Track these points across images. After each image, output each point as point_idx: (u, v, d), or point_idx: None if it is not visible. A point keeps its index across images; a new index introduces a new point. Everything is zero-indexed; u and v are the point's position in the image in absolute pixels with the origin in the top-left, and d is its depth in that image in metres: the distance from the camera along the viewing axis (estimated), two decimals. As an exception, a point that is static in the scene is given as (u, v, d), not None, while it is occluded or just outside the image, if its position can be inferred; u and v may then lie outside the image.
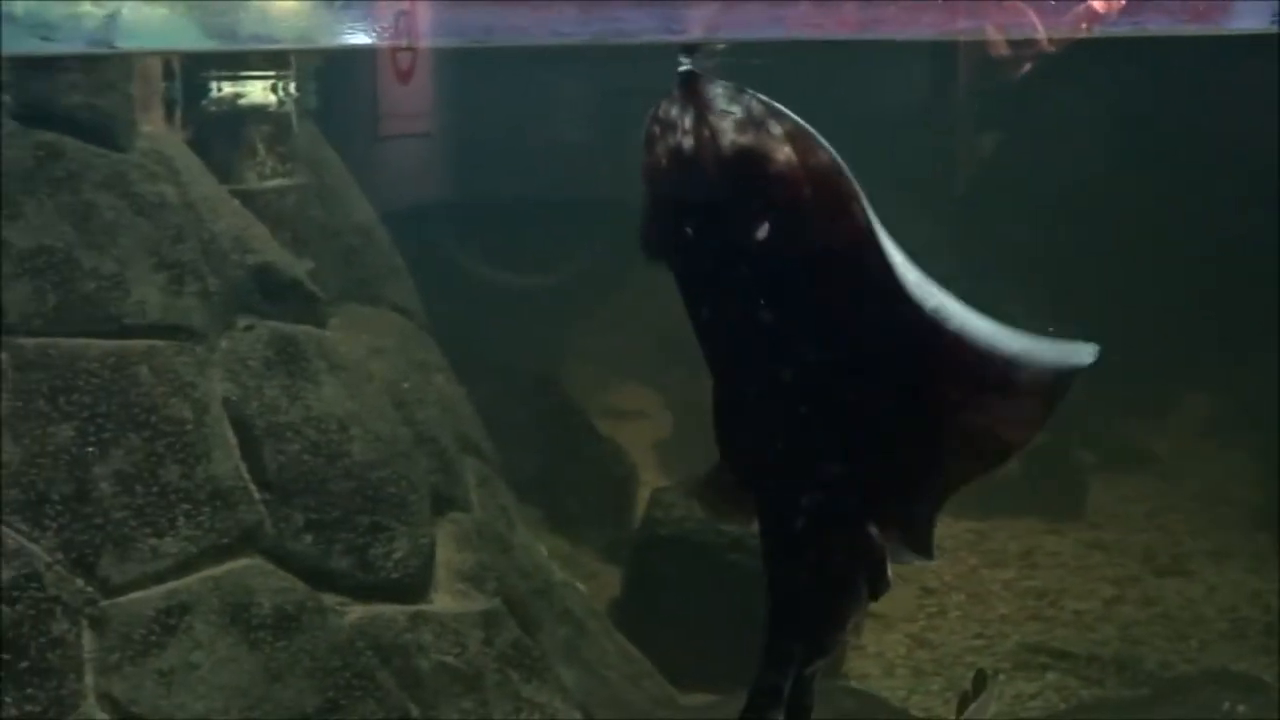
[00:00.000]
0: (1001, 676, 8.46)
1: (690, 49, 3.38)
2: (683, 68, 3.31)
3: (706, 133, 3.29)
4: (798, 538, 3.48)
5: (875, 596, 3.54)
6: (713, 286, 3.37)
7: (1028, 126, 14.80)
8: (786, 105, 3.33)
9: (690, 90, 3.29)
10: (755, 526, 3.58)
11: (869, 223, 3.32)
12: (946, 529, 10.54)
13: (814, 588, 3.51)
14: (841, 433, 3.42)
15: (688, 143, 3.28)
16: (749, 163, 3.28)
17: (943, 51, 13.77)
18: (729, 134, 3.29)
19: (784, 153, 3.29)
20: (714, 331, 3.42)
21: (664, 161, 3.31)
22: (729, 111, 3.31)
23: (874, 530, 3.49)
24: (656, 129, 3.32)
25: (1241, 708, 8.33)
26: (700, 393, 3.51)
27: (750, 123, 3.30)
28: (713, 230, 3.32)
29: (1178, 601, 10.67)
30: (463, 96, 13.50)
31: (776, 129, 3.30)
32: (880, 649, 9.79)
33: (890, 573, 3.51)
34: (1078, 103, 14.12)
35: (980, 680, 7.02)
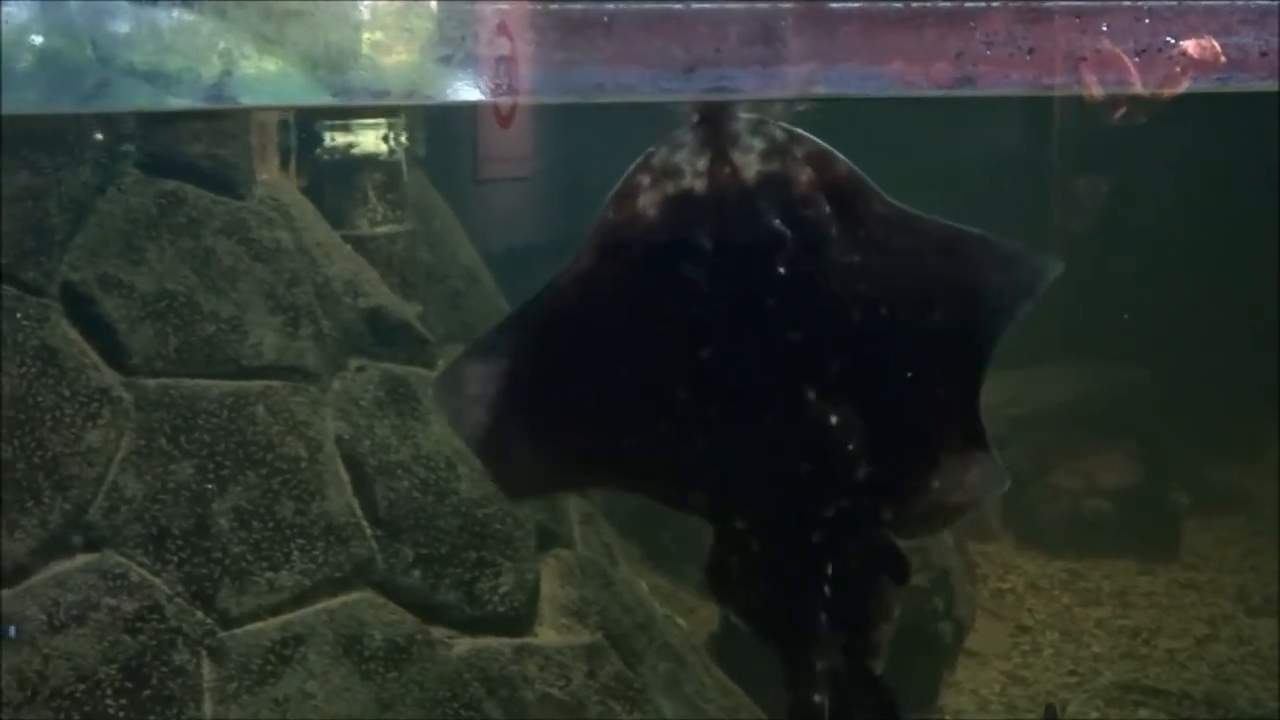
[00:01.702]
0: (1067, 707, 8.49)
1: (708, 117, 3.49)
2: (697, 120, 3.44)
3: (728, 169, 3.41)
4: (818, 553, 3.55)
5: (903, 581, 3.65)
6: (728, 319, 3.45)
7: (1130, 172, 14.89)
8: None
9: (717, 130, 3.43)
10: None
11: (895, 207, 3.49)
12: (1041, 569, 10.66)
13: (845, 596, 3.56)
14: (874, 432, 3.52)
15: (701, 185, 3.41)
16: (776, 189, 3.42)
17: (1041, 103, 13.90)
18: (755, 165, 3.42)
19: (806, 173, 3.43)
20: (722, 367, 3.48)
21: (667, 205, 3.42)
22: (752, 145, 3.44)
23: (886, 515, 3.58)
24: (646, 179, 3.45)
25: None
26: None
27: (775, 151, 3.43)
28: (736, 261, 3.42)
29: (1270, 640, 10.66)
30: (561, 141, 13.68)
31: (799, 152, 3.44)
32: (975, 686, 9.87)
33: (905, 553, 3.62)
34: (1177, 148, 14.18)
35: (1051, 715, 7.17)
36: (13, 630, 6.90)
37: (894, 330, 3.52)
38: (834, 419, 3.49)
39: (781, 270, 3.42)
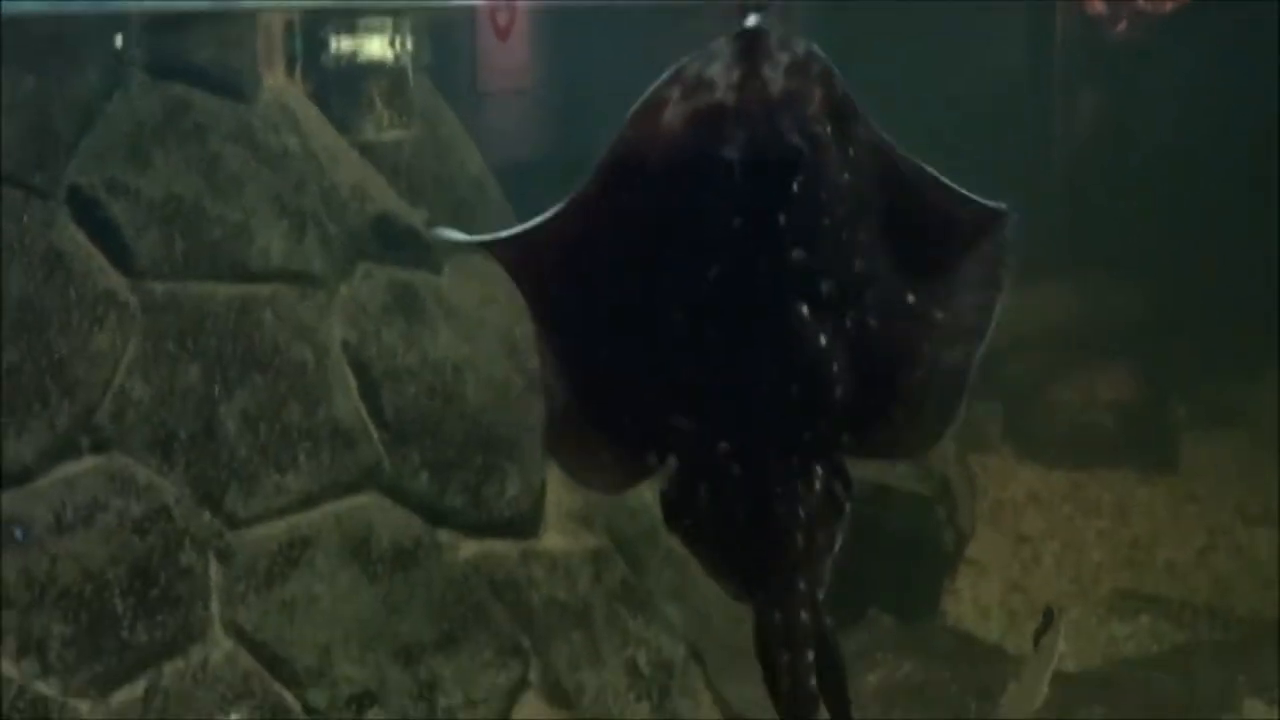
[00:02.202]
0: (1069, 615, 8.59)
1: (761, 5, 3.51)
2: (751, 22, 3.41)
3: (758, 84, 3.40)
4: (791, 476, 3.54)
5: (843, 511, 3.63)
6: (741, 236, 3.44)
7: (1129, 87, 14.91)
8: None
9: (755, 45, 3.40)
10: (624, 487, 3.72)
11: (877, 133, 3.53)
12: (1041, 480, 10.71)
13: (812, 518, 3.56)
14: (859, 349, 3.53)
15: (731, 99, 3.38)
16: (797, 106, 3.42)
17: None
18: (782, 82, 3.41)
19: (818, 91, 3.44)
20: (731, 285, 3.47)
21: (697, 119, 3.40)
22: (780, 60, 3.43)
23: (845, 440, 3.58)
24: (677, 91, 3.41)
25: None
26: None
27: (796, 67, 3.42)
28: (757, 178, 3.41)
29: (1267, 551, 10.77)
30: (560, 53, 13.69)
31: (814, 69, 3.45)
32: (976, 594, 9.97)
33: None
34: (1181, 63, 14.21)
35: (1048, 617, 7.26)
36: (19, 533, 6.98)
37: (871, 255, 3.56)
38: (823, 339, 3.50)
39: (793, 188, 3.44)
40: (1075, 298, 14.08)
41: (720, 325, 3.51)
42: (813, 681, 3.53)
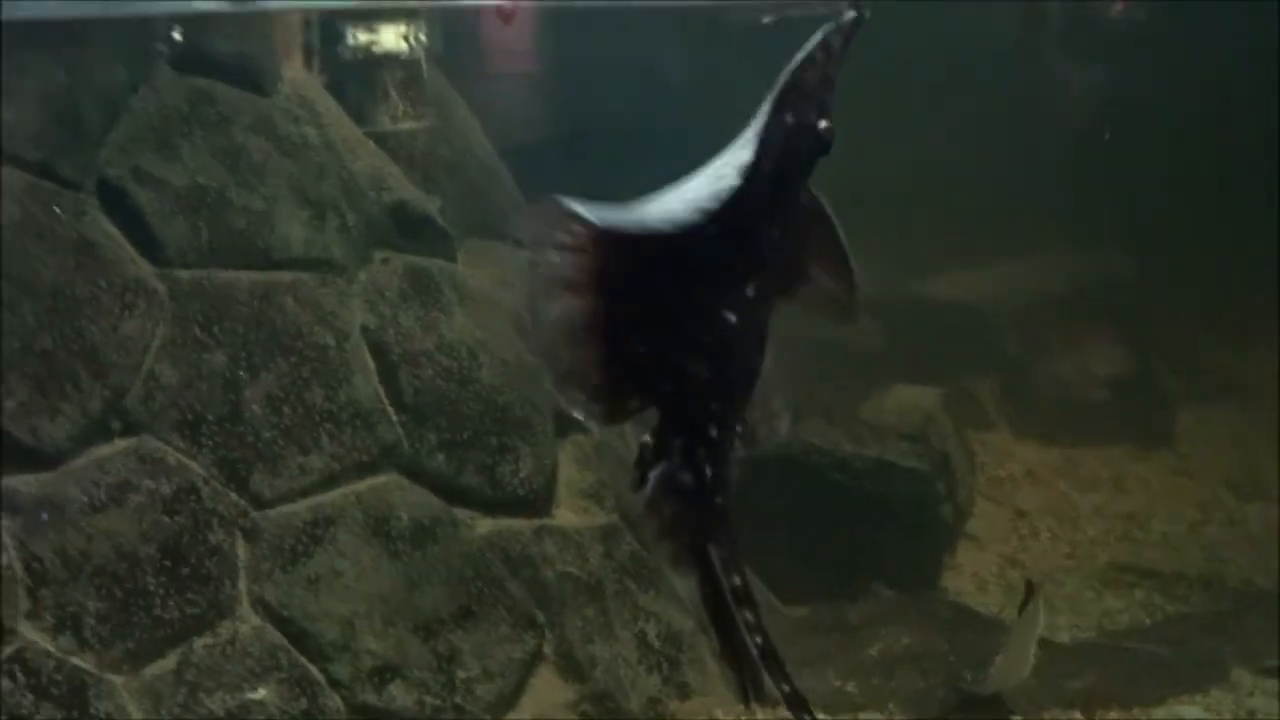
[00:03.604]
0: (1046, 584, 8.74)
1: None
2: (851, 14, 3.75)
3: (834, 66, 3.76)
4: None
5: None
6: (778, 212, 3.83)
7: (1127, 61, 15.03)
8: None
9: (853, 31, 3.75)
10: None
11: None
12: (1038, 456, 10.89)
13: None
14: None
15: (822, 73, 3.75)
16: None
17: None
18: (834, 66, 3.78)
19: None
20: (769, 258, 3.86)
21: (814, 85, 3.76)
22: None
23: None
24: (821, 55, 3.75)
25: None
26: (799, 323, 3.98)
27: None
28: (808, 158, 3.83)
29: (1260, 523, 10.95)
30: (563, 35, 13.83)
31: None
32: (974, 568, 10.15)
33: None
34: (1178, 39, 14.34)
35: (1029, 589, 7.52)
36: (44, 514, 7.20)
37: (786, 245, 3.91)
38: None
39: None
40: (1073, 270, 14.24)
41: (738, 308, 3.85)
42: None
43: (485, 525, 7.98)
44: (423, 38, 8.86)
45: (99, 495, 7.26)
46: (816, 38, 3.78)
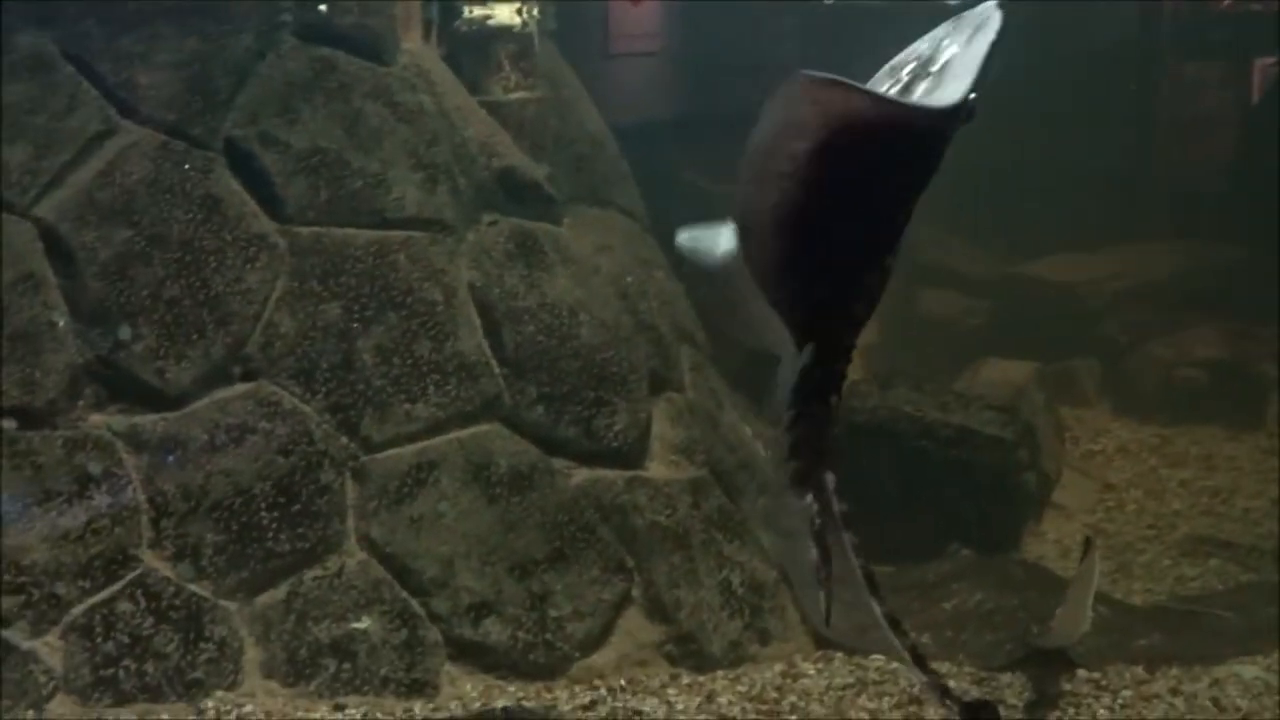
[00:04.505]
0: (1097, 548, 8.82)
1: None
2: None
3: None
4: None
5: None
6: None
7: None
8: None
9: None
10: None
11: None
12: (1132, 433, 11.07)
13: None
14: None
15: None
16: None
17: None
18: None
19: None
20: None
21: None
22: None
23: None
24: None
25: None
26: (901, 302, 4.42)
27: None
28: None
29: (1344, 502, 10.98)
30: (690, 16, 14.13)
31: None
32: (1058, 536, 10.29)
33: None
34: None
35: (1087, 545, 7.77)
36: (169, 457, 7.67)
37: None
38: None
39: None
40: (1173, 257, 14.37)
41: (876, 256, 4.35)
42: None
43: (580, 475, 8.26)
44: (536, 13, 9.19)
45: (219, 435, 7.70)
46: (996, 15, 4.16)
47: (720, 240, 4.62)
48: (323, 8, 8.41)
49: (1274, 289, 13.53)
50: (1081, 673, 7.90)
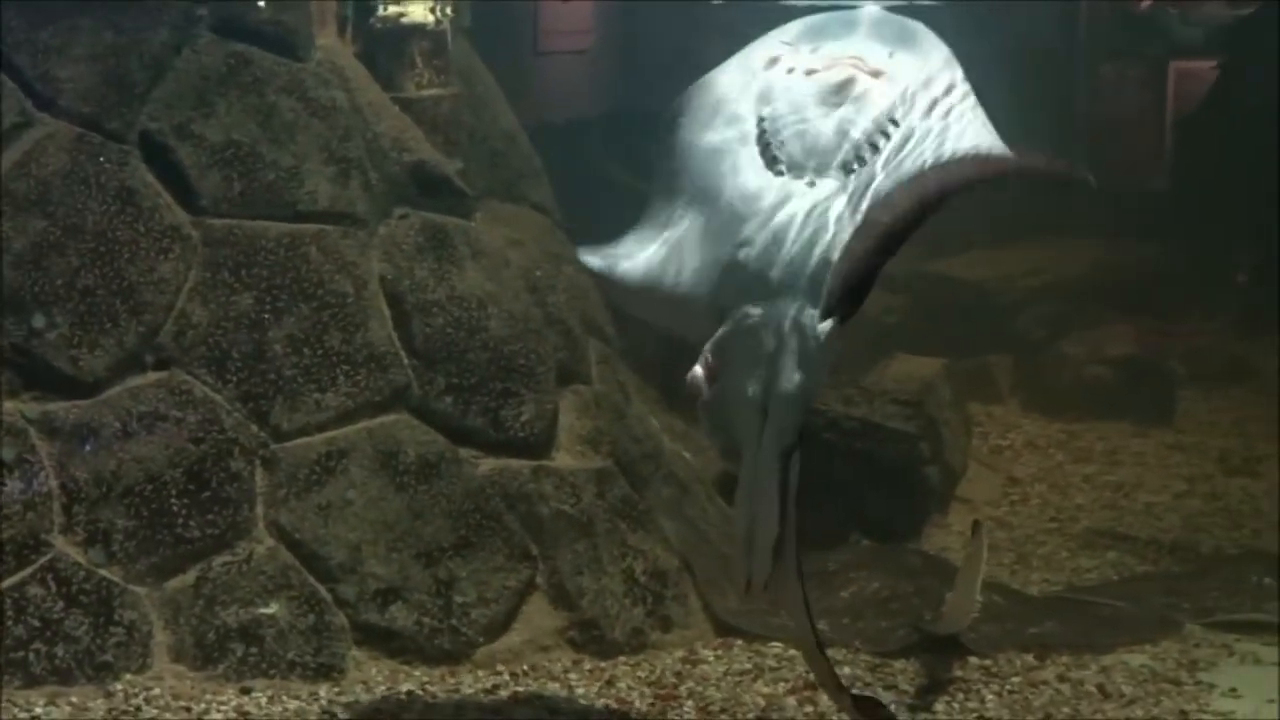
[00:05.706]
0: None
1: None
2: None
3: None
4: None
5: None
6: None
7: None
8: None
9: None
10: None
11: None
12: (1040, 429, 11.25)
13: None
14: None
15: None
16: None
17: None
18: None
19: None
20: None
21: None
22: None
23: None
24: None
25: (1268, 580, 9.07)
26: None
27: None
28: None
29: (1240, 496, 11.27)
30: (621, 16, 14.25)
31: None
32: (962, 528, 10.39)
33: None
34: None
35: (974, 529, 7.96)
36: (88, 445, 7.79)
37: None
38: None
39: None
40: (1090, 255, 14.55)
41: None
42: None
43: (487, 464, 8.36)
44: (449, 11, 9.25)
45: (131, 423, 7.80)
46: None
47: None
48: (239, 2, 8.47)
49: (1189, 287, 13.75)
50: (973, 659, 8.09)
